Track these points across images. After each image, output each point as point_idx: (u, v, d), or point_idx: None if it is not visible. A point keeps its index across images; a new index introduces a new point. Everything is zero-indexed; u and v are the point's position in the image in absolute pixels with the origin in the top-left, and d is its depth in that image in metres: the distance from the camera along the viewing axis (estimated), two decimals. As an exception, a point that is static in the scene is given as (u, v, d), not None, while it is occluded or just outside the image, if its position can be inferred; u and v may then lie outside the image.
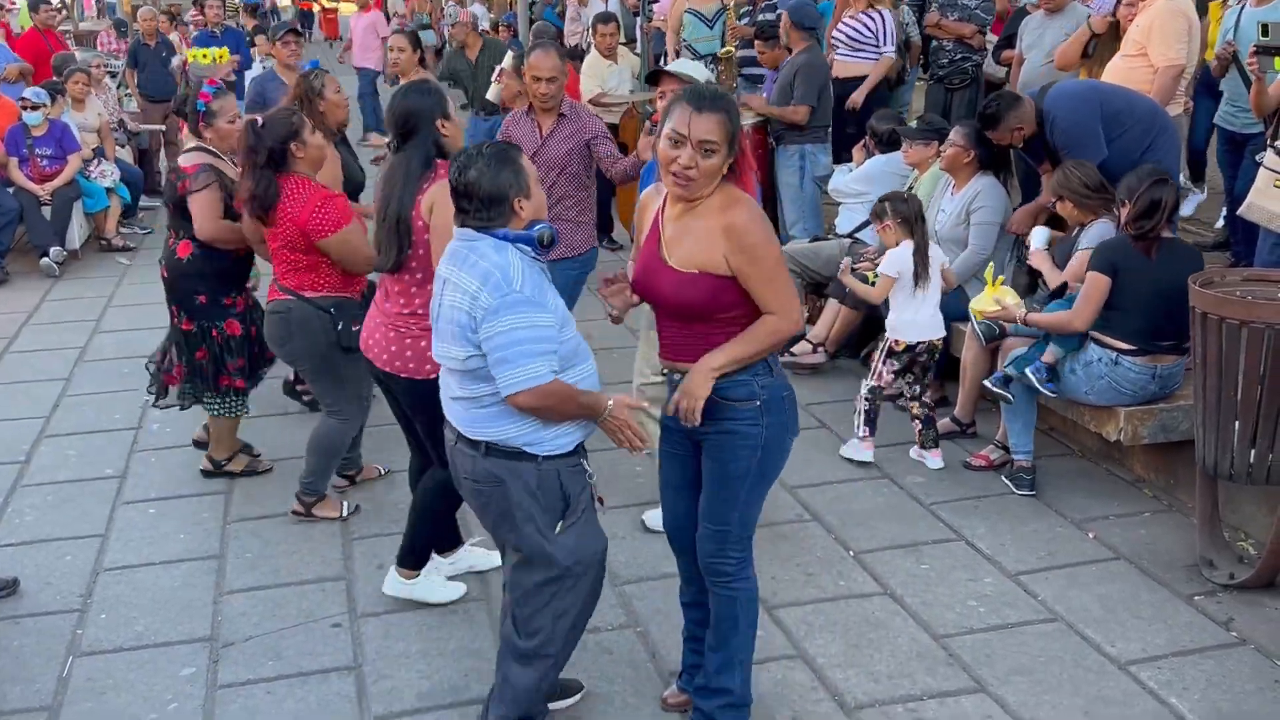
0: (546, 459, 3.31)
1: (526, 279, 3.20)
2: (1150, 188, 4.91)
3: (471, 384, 3.29)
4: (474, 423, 3.33)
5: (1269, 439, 4.29)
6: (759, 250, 3.20)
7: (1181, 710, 3.76)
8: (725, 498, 3.41)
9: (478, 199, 3.24)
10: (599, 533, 3.52)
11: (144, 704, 3.91)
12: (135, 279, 9.39)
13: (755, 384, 3.33)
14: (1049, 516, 5.07)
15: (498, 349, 3.16)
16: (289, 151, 4.72)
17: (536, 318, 3.18)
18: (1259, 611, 4.30)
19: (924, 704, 3.82)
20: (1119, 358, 5.02)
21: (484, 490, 3.39)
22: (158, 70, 12.54)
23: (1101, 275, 4.96)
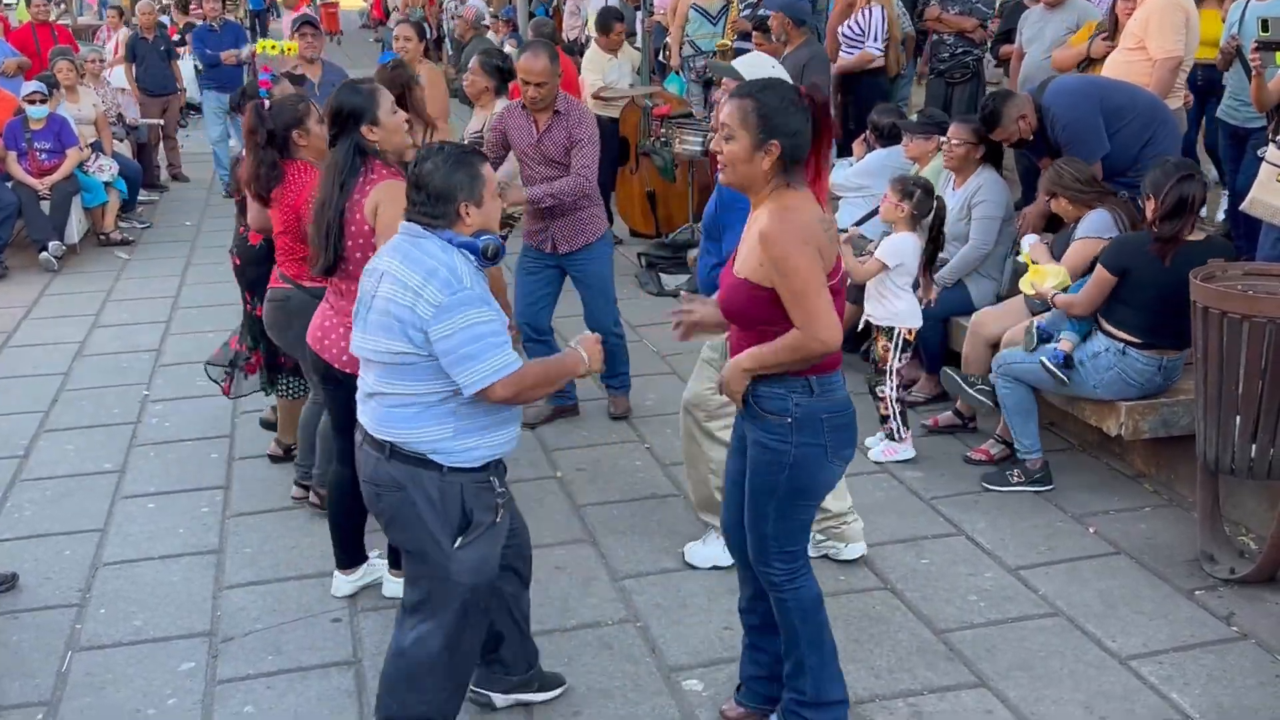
0: (451, 470, 3.23)
1: (475, 280, 3.19)
2: (1178, 184, 4.79)
3: (396, 380, 3.22)
4: (386, 421, 3.25)
5: (1270, 434, 4.28)
6: (786, 262, 3.09)
7: (1183, 705, 3.75)
8: (755, 509, 3.37)
9: (426, 193, 3.22)
10: (498, 550, 3.40)
11: (143, 699, 3.91)
12: (134, 273, 9.39)
13: (790, 400, 3.25)
14: (1049, 511, 5.07)
15: (459, 345, 3.11)
16: (290, 139, 4.73)
17: (489, 314, 3.17)
18: (1260, 606, 4.29)
19: (924, 699, 3.81)
20: (1126, 349, 5.02)
21: (383, 495, 3.30)
22: (156, 64, 12.51)
23: (1108, 273, 4.97)
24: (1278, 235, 5.43)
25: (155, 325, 7.95)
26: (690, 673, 3.97)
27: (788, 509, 3.34)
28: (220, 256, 9.73)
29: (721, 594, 4.44)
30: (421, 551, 3.31)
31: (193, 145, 14.18)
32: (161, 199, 12.17)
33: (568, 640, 4.16)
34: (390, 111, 4.09)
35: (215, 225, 10.95)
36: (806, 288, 3.11)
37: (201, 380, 6.80)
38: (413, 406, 3.21)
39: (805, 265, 3.11)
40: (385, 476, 3.27)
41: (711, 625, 4.24)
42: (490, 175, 3.31)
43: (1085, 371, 5.07)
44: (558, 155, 5.65)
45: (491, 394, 3.17)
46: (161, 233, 10.78)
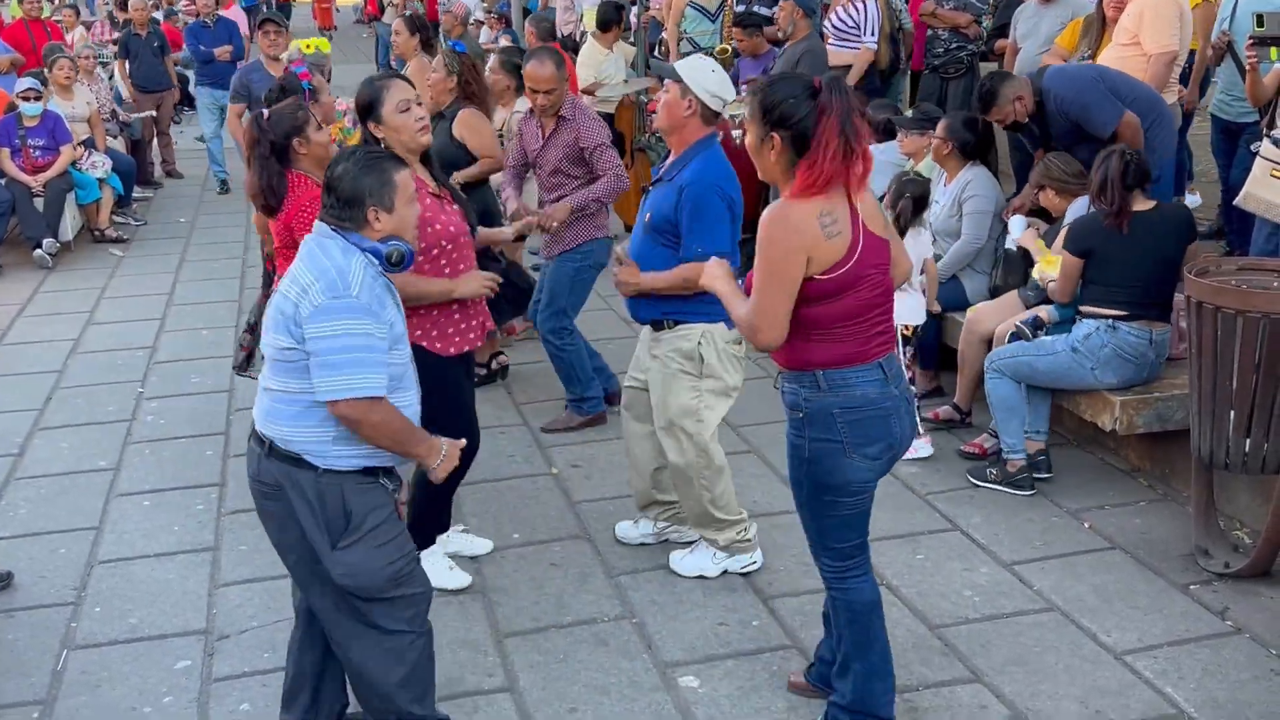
0: (327, 472, 3.16)
1: (365, 287, 3.10)
2: (1104, 162, 5.05)
3: (283, 376, 3.17)
4: (269, 415, 3.21)
5: (1264, 428, 4.29)
6: (761, 251, 3.14)
7: (1177, 699, 3.76)
8: (797, 503, 3.45)
9: (336, 195, 3.18)
10: (385, 557, 3.24)
11: (139, 697, 3.90)
12: (128, 270, 9.37)
13: (800, 396, 3.28)
14: (1044, 506, 5.07)
15: (324, 352, 3.04)
16: (291, 147, 4.68)
17: (370, 327, 3.08)
18: (1254, 600, 4.30)
19: (920, 694, 3.82)
20: (1115, 324, 5.04)
21: (266, 492, 3.25)
22: (149, 60, 12.48)
23: (1072, 256, 5.13)
24: (1271, 230, 5.44)
25: (150, 322, 7.94)
26: (687, 669, 3.97)
27: (817, 505, 3.37)
28: (215, 253, 9.75)
29: (717, 590, 4.44)
30: (300, 555, 3.27)
31: (186, 141, 14.16)
32: (156, 195, 12.14)
33: (563, 637, 4.16)
34: (397, 110, 4.06)
35: (209, 222, 10.94)
36: (768, 283, 3.14)
37: (196, 377, 6.83)
38: (295, 405, 3.15)
39: (776, 259, 3.12)
40: (267, 473, 3.21)
41: (707, 622, 4.24)
42: (405, 181, 3.23)
43: (1079, 358, 5.08)
44: (558, 161, 5.67)
45: (336, 410, 3.08)
46: (156, 229, 10.76)
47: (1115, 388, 5.12)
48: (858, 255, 3.16)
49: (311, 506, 3.17)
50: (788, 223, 3.12)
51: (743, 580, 4.51)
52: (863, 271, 3.18)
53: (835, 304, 3.18)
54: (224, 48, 11.75)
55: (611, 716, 3.74)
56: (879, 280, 3.23)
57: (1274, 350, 4.18)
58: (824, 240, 3.13)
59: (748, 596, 4.40)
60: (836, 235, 3.14)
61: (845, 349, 3.22)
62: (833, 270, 3.14)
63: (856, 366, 3.24)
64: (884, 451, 3.31)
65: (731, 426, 5.96)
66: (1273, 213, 5.34)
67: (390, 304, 3.21)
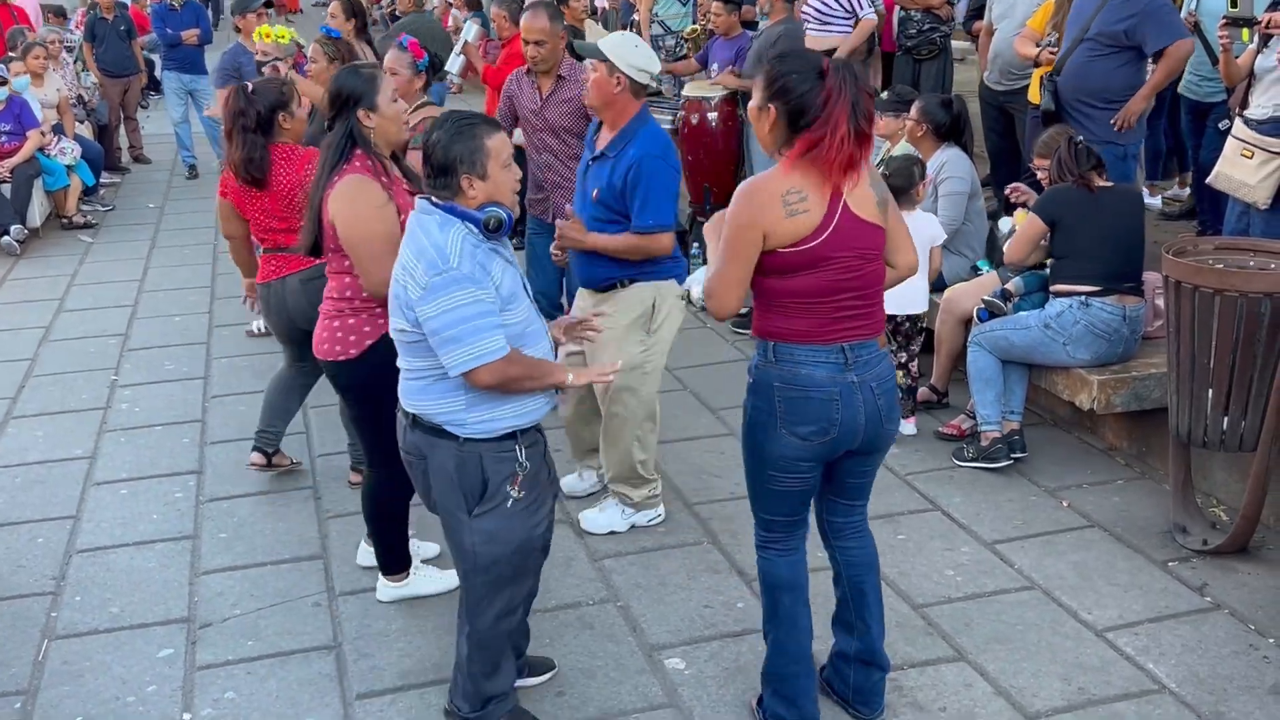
0: (468, 441, 3.25)
1: (465, 256, 3.11)
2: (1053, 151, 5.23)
3: (408, 356, 3.29)
4: (407, 394, 3.33)
5: (1241, 406, 4.33)
6: (726, 221, 3.20)
7: (1158, 675, 3.80)
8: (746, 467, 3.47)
9: (431, 165, 3.21)
10: (526, 527, 3.33)
11: (122, 686, 3.88)
12: (98, 257, 9.27)
13: (753, 362, 3.35)
14: (1023, 485, 5.11)
15: (445, 328, 3.09)
16: (276, 121, 4.70)
17: (477, 294, 3.10)
18: (1232, 577, 4.35)
19: (905, 673, 3.84)
20: (1088, 299, 5.08)
21: (413, 463, 3.40)
22: (115, 45, 12.33)
23: (1038, 221, 5.18)
24: (1243, 209, 5.48)
25: (121, 309, 7.86)
26: (672, 651, 3.98)
27: (751, 470, 3.41)
28: (186, 239, 9.67)
29: (701, 572, 4.46)
30: (445, 521, 3.38)
31: (153, 126, 14.02)
32: (124, 181, 12.02)
33: (549, 621, 4.16)
34: (390, 99, 3.97)
35: (179, 208, 10.84)
36: (725, 252, 3.19)
37: (170, 364, 6.78)
38: (423, 379, 3.26)
39: (734, 230, 3.16)
40: (411, 445, 3.35)
41: (692, 604, 4.25)
42: (498, 146, 3.20)
43: (1052, 333, 5.11)
44: (562, 122, 5.54)
45: (475, 379, 3.14)
46: (124, 215, 10.65)
47: (1089, 364, 5.16)
48: (825, 236, 3.13)
49: (450, 475, 3.27)
50: (751, 199, 3.15)
51: (727, 563, 4.52)
52: (830, 253, 3.14)
53: (793, 279, 3.16)
54: (191, 31, 11.61)
55: (598, 699, 3.75)
56: (854, 265, 3.18)
57: (1251, 328, 4.23)
58: (784, 218, 3.11)
59: (732, 578, 4.42)
60: (802, 214, 3.11)
61: (799, 325, 3.21)
62: (794, 246, 3.13)
63: (810, 345, 3.22)
64: (818, 435, 3.25)
65: (711, 410, 5.97)
66: (1243, 192, 5.39)
67: (498, 264, 3.20)
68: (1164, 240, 5.24)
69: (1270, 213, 5.28)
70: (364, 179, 3.85)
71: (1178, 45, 5.96)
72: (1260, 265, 4.41)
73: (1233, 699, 3.68)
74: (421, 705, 3.74)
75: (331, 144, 3.94)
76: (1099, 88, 6.09)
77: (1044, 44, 6.67)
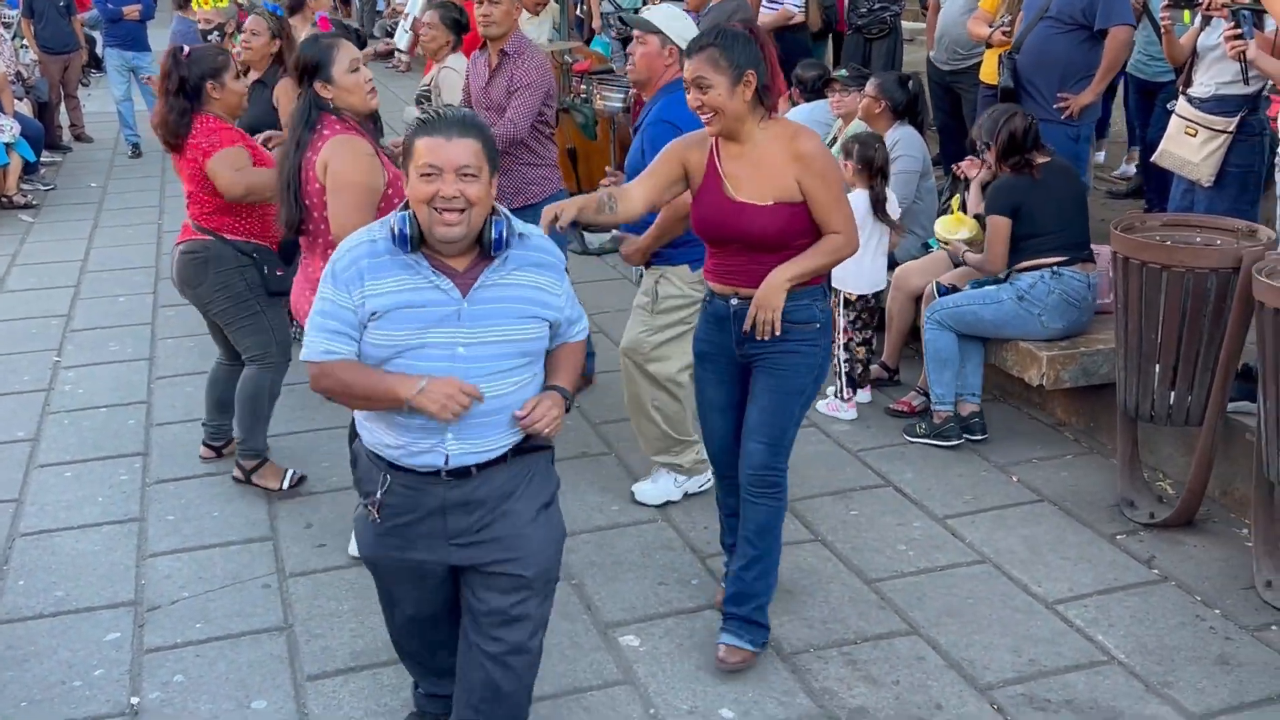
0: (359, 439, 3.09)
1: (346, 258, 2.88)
2: (1007, 123, 5.17)
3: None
4: None
5: (1188, 381, 4.38)
6: (830, 175, 3.51)
7: (1107, 646, 3.85)
8: (783, 415, 3.66)
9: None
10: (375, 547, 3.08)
11: (68, 670, 3.82)
12: (40, 237, 9.09)
13: (815, 307, 3.61)
14: (973, 461, 5.15)
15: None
16: (204, 89, 4.63)
17: (329, 293, 2.86)
18: (1179, 549, 4.41)
19: (858, 647, 3.86)
20: (1057, 269, 5.13)
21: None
22: (55, 20, 12.07)
23: (1001, 218, 5.17)
24: (1187, 186, 5.54)
25: (64, 290, 7.72)
26: (627, 628, 3.98)
27: (804, 410, 3.72)
28: (129, 218, 9.51)
29: (655, 549, 4.45)
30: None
31: (95, 105, 13.77)
32: (65, 160, 11.80)
33: (502, 600, 4.14)
34: (347, 70, 3.98)
35: (121, 187, 10.66)
36: (842, 196, 3.53)
37: (115, 345, 6.67)
38: None
39: (841, 177, 3.60)
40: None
41: (646, 581, 4.25)
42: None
43: (1027, 304, 5.14)
44: (500, 100, 5.44)
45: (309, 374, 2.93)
46: (66, 195, 10.45)
47: (1061, 334, 5.22)
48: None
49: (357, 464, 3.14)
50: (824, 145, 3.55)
51: (680, 540, 4.52)
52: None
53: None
54: (132, 6, 11.40)
55: (553, 677, 3.73)
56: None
57: (1198, 304, 4.27)
58: None
59: (686, 555, 4.42)
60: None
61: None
62: None
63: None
64: None
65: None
66: (1187, 170, 5.44)
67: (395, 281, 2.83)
68: (1112, 218, 5.29)
69: (1213, 190, 5.34)
70: (349, 136, 3.94)
71: (1120, 29, 6.03)
72: (1206, 241, 4.46)
73: (1180, 669, 3.73)
74: (374, 685, 3.71)
75: (295, 116, 4.01)
76: (1059, 66, 6.13)
77: (996, 24, 6.70)
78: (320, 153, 3.93)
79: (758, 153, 3.51)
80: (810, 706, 3.59)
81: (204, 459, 5.19)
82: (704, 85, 3.41)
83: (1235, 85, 5.19)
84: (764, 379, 3.65)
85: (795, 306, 3.55)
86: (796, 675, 3.73)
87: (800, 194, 3.48)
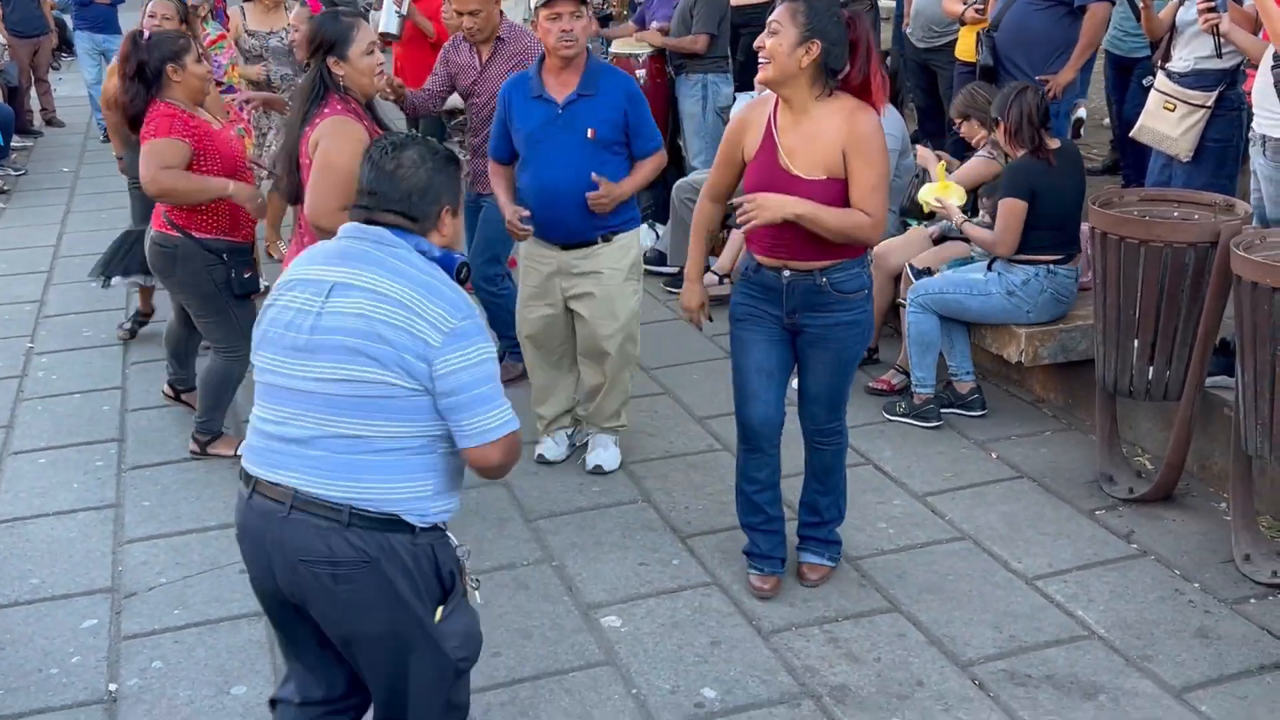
0: (424, 531, 2.60)
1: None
2: (1016, 99, 5.06)
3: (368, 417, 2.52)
4: (348, 470, 2.53)
5: (1166, 356, 4.39)
6: (877, 160, 3.55)
7: (1087, 621, 3.86)
8: (841, 377, 3.87)
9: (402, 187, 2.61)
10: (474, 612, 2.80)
11: (44, 658, 3.78)
12: (11, 222, 8.99)
13: (864, 275, 3.77)
14: (953, 438, 5.15)
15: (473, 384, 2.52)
16: (164, 73, 4.58)
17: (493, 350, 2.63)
18: (1158, 524, 4.42)
19: (839, 625, 3.86)
20: (1053, 267, 5.10)
21: (341, 574, 2.54)
22: (24, 4, 11.91)
23: (1019, 200, 5.00)
24: (1165, 161, 5.55)
25: (36, 276, 7.64)
26: (608, 609, 3.97)
27: (854, 371, 3.92)
28: (102, 203, 9.40)
29: (636, 530, 4.44)
30: (399, 637, 2.62)
31: (67, 89, 13.61)
32: (36, 145, 11.67)
33: (483, 582, 4.10)
34: (364, 52, 3.99)
35: (94, 171, 10.54)
36: (883, 183, 3.59)
37: (89, 330, 6.61)
38: (393, 453, 2.54)
39: (887, 167, 3.62)
40: (344, 551, 2.52)
41: (627, 562, 4.24)
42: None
43: (1018, 301, 5.10)
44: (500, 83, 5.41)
45: (488, 451, 2.56)
46: (38, 180, 10.34)
47: (1044, 324, 5.19)
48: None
49: (411, 576, 2.58)
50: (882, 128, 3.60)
51: (661, 520, 4.51)
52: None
53: None
54: (105, -12, 11.28)
55: (535, 659, 3.72)
56: None
57: (1176, 279, 4.28)
58: None
59: (667, 535, 4.41)
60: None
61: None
62: None
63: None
64: None
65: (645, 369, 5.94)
66: (1166, 145, 5.45)
67: None
68: (1090, 194, 5.29)
69: (1192, 165, 5.35)
70: (346, 119, 3.95)
71: (1098, 5, 6.02)
72: (1184, 216, 4.46)
73: (1159, 642, 3.74)
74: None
75: (304, 89, 4.04)
76: (1038, 42, 6.12)
77: (970, 2, 6.68)
78: (315, 129, 3.96)
79: (814, 126, 3.58)
80: (792, 684, 3.59)
81: (166, 396, 5.44)
82: (774, 30, 3.52)
83: (1213, 60, 5.19)
84: (819, 351, 3.80)
85: (848, 276, 3.71)
86: (778, 654, 3.72)
87: (840, 170, 3.57)
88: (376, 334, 2.48)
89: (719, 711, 3.48)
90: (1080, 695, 3.51)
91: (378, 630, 2.61)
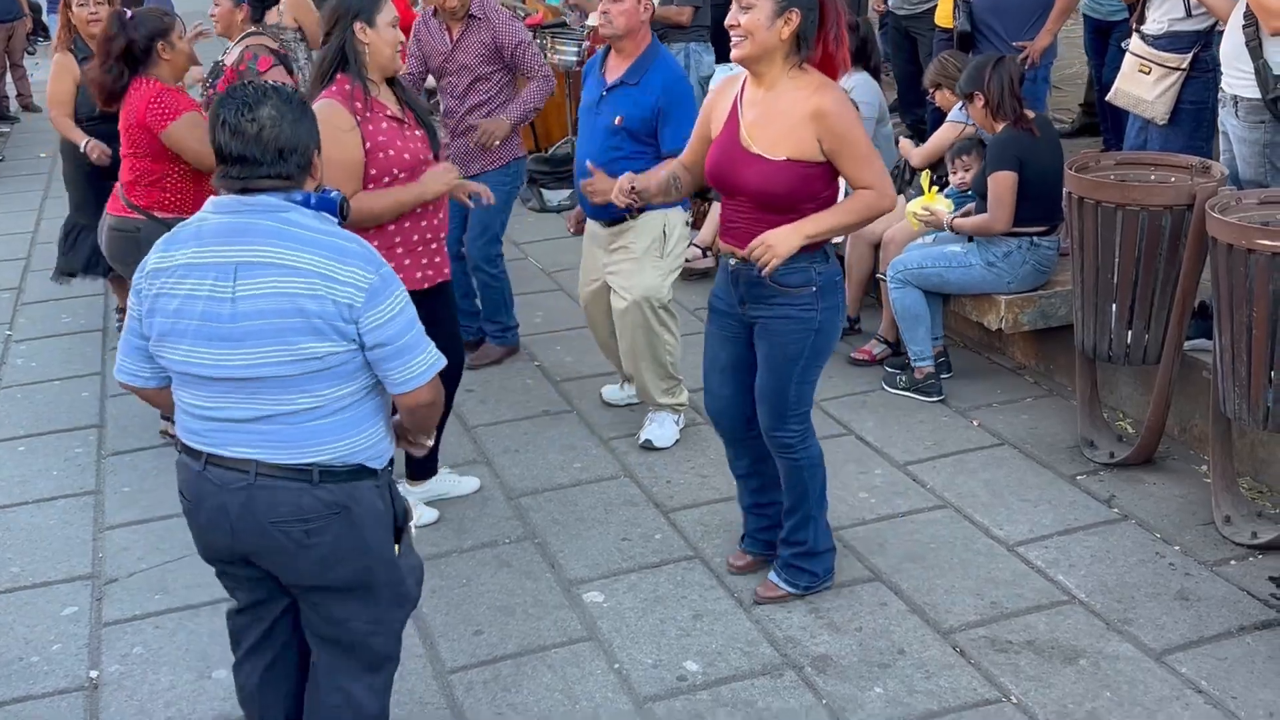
0: (384, 470, 2.73)
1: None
2: (994, 70, 5.05)
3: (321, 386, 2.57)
4: (310, 438, 2.58)
5: (1145, 320, 4.39)
6: (852, 131, 3.39)
7: (1069, 586, 3.86)
8: (781, 377, 3.62)
9: (271, 148, 2.55)
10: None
11: (25, 646, 3.77)
12: (-12, 210, 8.95)
13: (812, 270, 3.51)
14: (934, 407, 5.15)
15: (400, 334, 2.57)
16: (154, 50, 4.53)
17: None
18: (1139, 488, 4.43)
19: (821, 595, 3.86)
20: (1036, 240, 5.09)
21: (313, 529, 2.61)
22: (-3, -12, 11.82)
23: (1009, 173, 4.97)
24: (1141, 124, 5.52)
25: (14, 262, 7.60)
26: (590, 585, 3.97)
27: (807, 373, 3.64)
28: (79, 188, 9.33)
29: (618, 505, 4.44)
30: (368, 583, 2.72)
31: (42, 73, 13.49)
32: (12, 130, 11.59)
33: (465, 560, 4.12)
34: (389, 23, 3.91)
35: (72, 156, 10.47)
36: (870, 151, 3.44)
37: (67, 317, 6.57)
38: (345, 412, 2.61)
39: (864, 133, 3.46)
40: (315, 507, 2.59)
41: (609, 538, 4.24)
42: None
43: (999, 272, 5.08)
44: (474, 63, 5.37)
45: (419, 394, 2.64)
46: (14, 166, 10.27)
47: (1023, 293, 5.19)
48: None
49: (380, 518, 2.70)
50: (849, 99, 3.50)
51: (643, 495, 4.50)
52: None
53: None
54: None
55: (517, 635, 3.72)
56: None
57: (1153, 242, 4.27)
58: None
59: (648, 510, 4.41)
60: None
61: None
62: None
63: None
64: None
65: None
66: (1141, 108, 5.42)
67: None
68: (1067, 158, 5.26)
69: (1168, 128, 5.32)
70: (333, 103, 3.83)
71: None
72: (1161, 179, 4.44)
73: (1140, 606, 3.75)
74: (337, 651, 3.68)
75: (324, 59, 3.93)
76: (1015, 8, 6.10)
77: None
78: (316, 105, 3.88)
79: (780, 103, 3.42)
80: (774, 656, 3.59)
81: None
82: (747, 6, 3.35)
83: (1186, 21, 5.16)
84: (761, 345, 3.63)
85: (789, 270, 3.46)
86: (759, 625, 3.73)
87: (820, 154, 3.40)
88: (300, 309, 2.49)
89: (701, 684, 3.49)
90: (1061, 660, 3.52)
91: (347, 576, 2.69)
